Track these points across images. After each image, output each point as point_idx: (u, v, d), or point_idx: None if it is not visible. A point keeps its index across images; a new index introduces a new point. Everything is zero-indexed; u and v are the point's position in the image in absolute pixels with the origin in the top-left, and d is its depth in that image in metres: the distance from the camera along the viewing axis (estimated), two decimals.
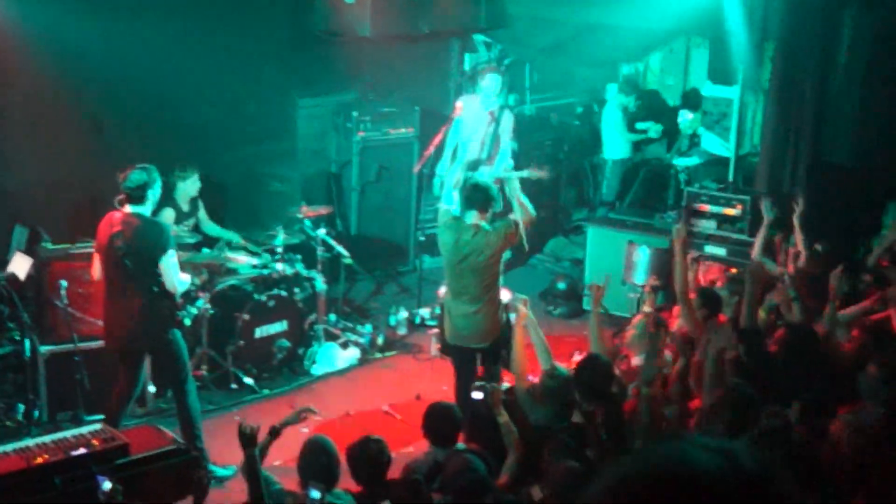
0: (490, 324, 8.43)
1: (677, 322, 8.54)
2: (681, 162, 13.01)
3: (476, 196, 8.31)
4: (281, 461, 8.11)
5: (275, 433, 6.46)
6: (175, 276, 8.00)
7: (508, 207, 8.80)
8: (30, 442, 6.66)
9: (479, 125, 11.40)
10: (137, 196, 7.95)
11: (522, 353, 7.85)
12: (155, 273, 7.93)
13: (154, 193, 8.05)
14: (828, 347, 7.53)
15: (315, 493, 5.79)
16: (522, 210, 8.52)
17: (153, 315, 8.06)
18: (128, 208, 7.97)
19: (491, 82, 11.44)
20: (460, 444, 6.93)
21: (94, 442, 6.51)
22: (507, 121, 11.50)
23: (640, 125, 13.65)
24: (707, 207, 11.07)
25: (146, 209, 8.04)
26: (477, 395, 7.14)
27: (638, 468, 1.42)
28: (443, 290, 10.07)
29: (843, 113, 11.21)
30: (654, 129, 13.63)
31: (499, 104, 11.65)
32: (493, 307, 8.42)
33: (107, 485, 6.00)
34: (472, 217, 8.25)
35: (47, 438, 6.65)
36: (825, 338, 7.59)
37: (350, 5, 11.39)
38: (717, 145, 13.16)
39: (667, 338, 8.04)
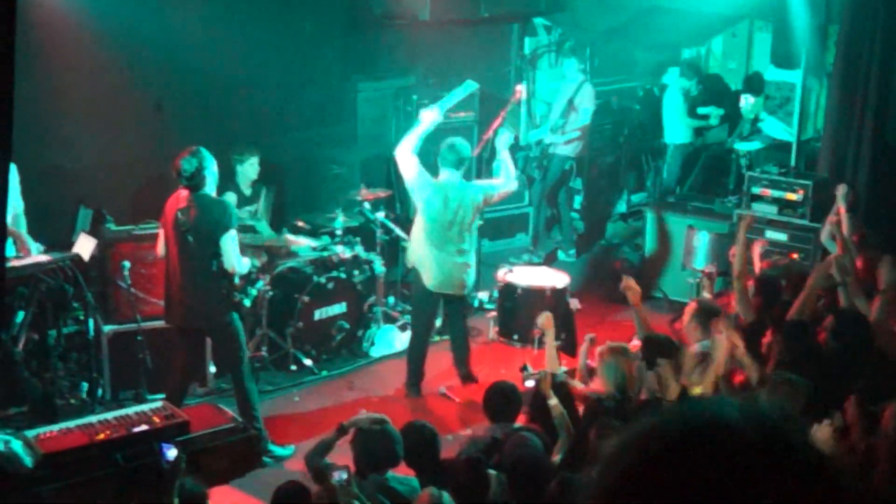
0: (469, 276, 9.45)
1: (735, 308, 8.48)
2: (742, 146, 12.89)
3: (450, 156, 9.31)
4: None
5: (343, 431, 6.49)
6: (235, 255, 8.07)
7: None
8: (92, 419, 6.77)
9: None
10: (196, 182, 8.04)
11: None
12: (216, 252, 8.01)
13: (211, 173, 8.12)
14: (880, 338, 7.42)
15: (343, 475, 5.83)
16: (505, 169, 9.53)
17: (211, 294, 8.15)
18: (191, 193, 8.07)
19: (568, 67, 13.13)
20: (517, 424, 6.96)
21: (155, 419, 6.61)
22: (587, 92, 12.97)
23: (701, 110, 13.56)
24: (768, 192, 10.96)
25: (209, 190, 8.13)
26: (529, 383, 7.16)
27: (660, 421, 1.45)
28: (501, 272, 10.11)
29: None
30: (715, 114, 13.54)
31: (582, 77, 13.08)
32: (471, 260, 9.45)
33: (172, 452, 6.08)
34: (448, 175, 9.25)
35: (109, 415, 6.76)
36: (876, 327, 7.48)
37: None
38: (780, 130, 13.04)
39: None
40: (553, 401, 6.76)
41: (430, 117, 9.50)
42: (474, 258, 9.65)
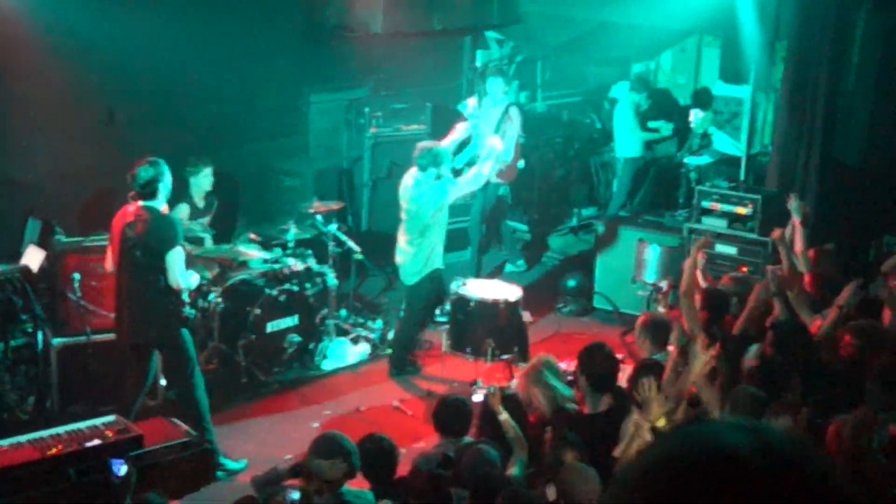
0: (419, 265, 10.08)
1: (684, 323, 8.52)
2: (692, 161, 13.01)
3: (424, 158, 9.93)
4: (291, 455, 8.16)
5: (298, 474, 6.40)
6: (179, 271, 8.02)
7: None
8: (44, 433, 6.70)
9: (488, 123, 11.71)
10: (148, 192, 8.01)
11: None
12: (162, 267, 7.97)
13: (165, 186, 8.09)
14: (825, 352, 7.49)
15: (294, 495, 5.80)
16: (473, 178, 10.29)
17: (159, 309, 8.11)
18: (140, 203, 8.02)
19: (491, 85, 12.08)
20: (468, 438, 6.96)
21: (108, 433, 6.56)
22: (515, 116, 12.03)
23: (651, 124, 13.66)
24: (718, 206, 11.06)
25: (158, 202, 8.09)
26: (477, 396, 7.18)
27: (669, 449, 1.43)
28: (454, 285, 10.13)
29: (854, 113, 11.23)
30: (665, 127, 13.65)
31: (507, 101, 12.12)
32: (421, 253, 10.03)
33: (122, 468, 6.02)
34: (420, 174, 9.94)
35: (61, 430, 6.69)
36: (822, 341, 7.56)
37: (363, 1, 11.42)
38: (728, 144, 13.19)
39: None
40: (503, 416, 6.77)
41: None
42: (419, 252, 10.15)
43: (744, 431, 1.40)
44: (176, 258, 8.00)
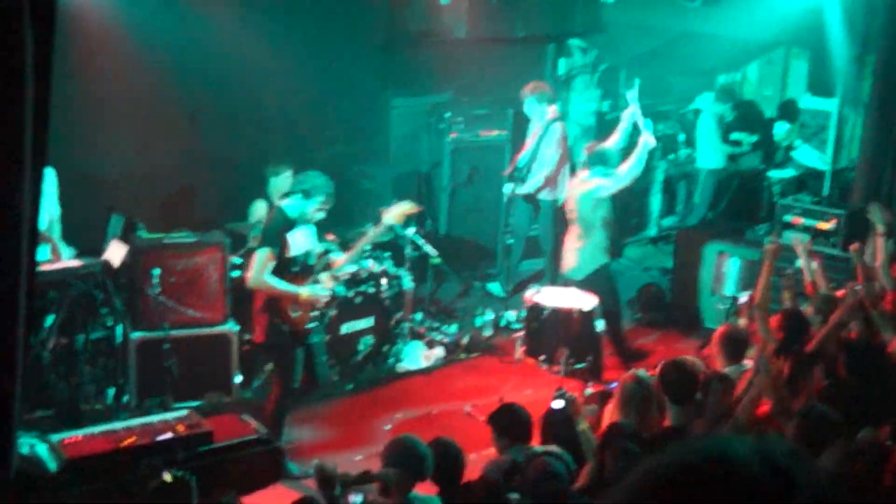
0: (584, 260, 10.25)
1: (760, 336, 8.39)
2: (775, 174, 12.84)
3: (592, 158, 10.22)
4: (362, 456, 8.21)
5: (367, 480, 6.39)
6: (254, 270, 8.07)
7: None
8: (117, 425, 6.80)
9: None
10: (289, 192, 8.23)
11: None
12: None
13: (301, 199, 8.15)
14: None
15: (357, 499, 5.80)
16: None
17: (259, 308, 8.25)
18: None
19: (527, 106, 11.73)
20: (537, 447, 6.91)
21: (179, 428, 6.64)
22: (553, 134, 11.68)
23: (734, 136, 13.51)
24: (800, 220, 10.89)
25: (286, 202, 8.20)
26: (558, 403, 7.11)
27: (672, 459, 1.44)
28: (529, 293, 10.09)
29: None
30: (747, 140, 13.49)
31: (549, 121, 11.75)
32: (585, 248, 10.20)
33: (168, 476, 6.05)
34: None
35: (134, 422, 6.79)
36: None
37: (446, 6, 11.44)
38: (814, 158, 12.99)
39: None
40: (583, 425, 6.71)
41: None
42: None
43: (746, 443, 1.42)
44: (256, 258, 8.08)
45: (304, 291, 8.10)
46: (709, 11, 12.22)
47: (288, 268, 8.12)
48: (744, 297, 9.46)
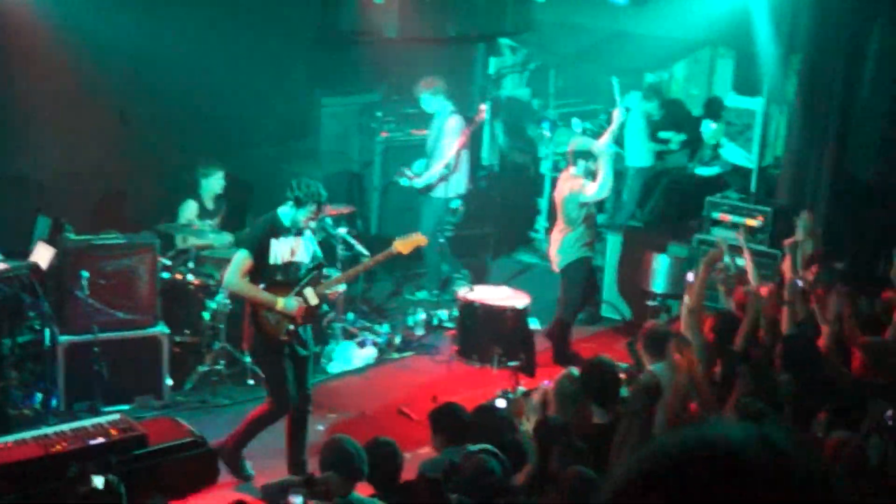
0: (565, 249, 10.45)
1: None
2: (702, 171, 12.98)
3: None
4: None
5: (309, 485, 6.35)
6: (228, 272, 8.02)
7: None
8: (48, 430, 6.70)
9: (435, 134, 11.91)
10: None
11: None
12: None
13: (293, 207, 8.04)
14: (828, 368, 7.49)
15: (298, 500, 5.78)
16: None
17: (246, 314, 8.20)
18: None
19: (424, 103, 11.86)
20: (473, 446, 6.91)
21: (112, 432, 6.56)
22: (449, 126, 11.79)
23: (662, 134, 13.62)
24: (728, 217, 11.04)
25: (282, 208, 8.10)
26: (500, 402, 7.13)
27: (665, 445, 1.43)
28: (462, 291, 10.11)
29: (868, 127, 11.17)
30: (675, 139, 13.62)
31: (448, 112, 11.86)
32: (567, 238, 10.39)
33: (98, 481, 5.96)
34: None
35: (66, 427, 6.69)
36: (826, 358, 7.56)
37: (378, 6, 11.42)
38: (740, 156, 13.14)
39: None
40: (527, 424, 6.72)
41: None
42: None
43: (745, 430, 1.41)
44: (233, 260, 8.03)
45: (278, 303, 7.89)
46: (637, 11, 12.32)
47: (272, 275, 7.96)
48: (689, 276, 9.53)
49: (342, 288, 8.93)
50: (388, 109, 12.54)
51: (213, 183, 10.46)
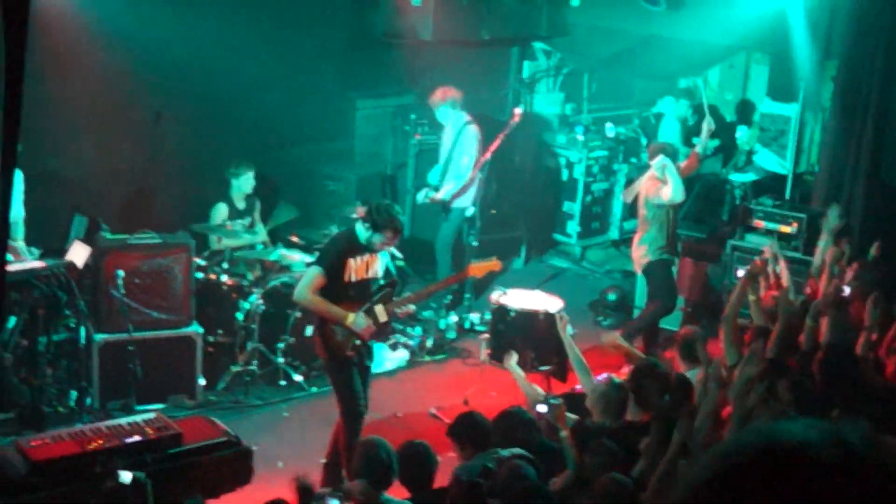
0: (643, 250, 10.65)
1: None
2: (737, 177, 12.93)
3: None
4: (327, 459, 8.19)
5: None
6: (300, 285, 8.02)
7: None
8: (84, 428, 6.73)
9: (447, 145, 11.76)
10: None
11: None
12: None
13: (362, 230, 7.96)
14: (865, 374, 7.45)
15: (334, 502, 5.79)
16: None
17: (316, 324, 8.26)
18: None
19: (439, 115, 11.68)
20: (504, 451, 6.89)
21: (148, 430, 6.58)
22: (467, 138, 11.62)
23: (696, 140, 13.59)
24: (762, 224, 10.99)
25: (359, 227, 8.02)
26: (541, 408, 7.11)
27: (738, 444, 1.42)
28: (494, 295, 10.11)
29: None
30: (710, 144, 13.57)
31: (463, 123, 11.66)
32: (644, 238, 10.60)
33: (126, 476, 5.98)
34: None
35: (102, 425, 6.72)
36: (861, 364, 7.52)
37: (413, 8, 11.42)
38: (774, 162, 13.07)
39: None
40: (565, 432, 6.70)
41: None
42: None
43: (815, 427, 1.39)
44: (306, 274, 8.09)
45: (348, 318, 7.86)
46: (672, 15, 12.27)
47: (345, 292, 7.92)
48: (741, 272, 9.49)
49: (412, 308, 8.86)
50: (422, 112, 12.54)
51: (244, 182, 10.50)
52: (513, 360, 8.10)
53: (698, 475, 1.40)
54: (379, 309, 8.07)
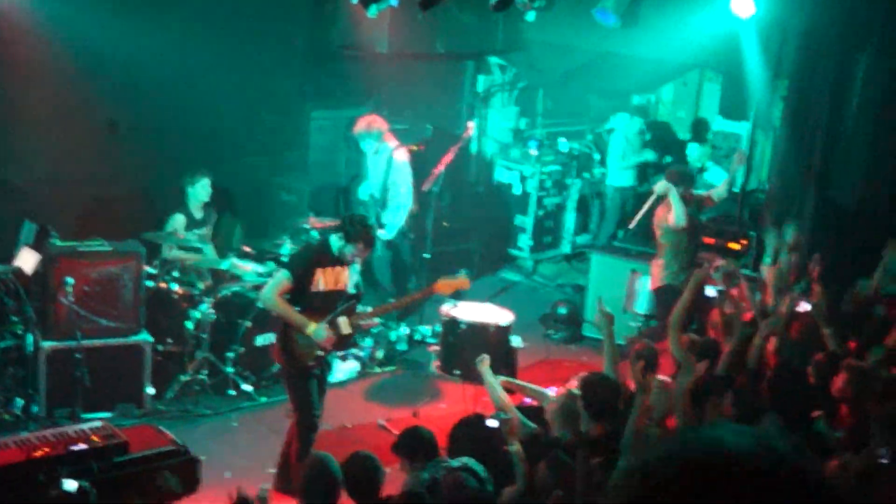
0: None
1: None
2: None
3: None
4: (275, 469, 8.18)
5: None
6: (267, 287, 8.02)
7: None
8: (30, 435, 6.68)
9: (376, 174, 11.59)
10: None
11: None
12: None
13: (335, 240, 7.98)
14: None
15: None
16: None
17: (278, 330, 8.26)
18: None
19: (365, 144, 11.48)
20: (454, 461, 6.90)
21: (94, 438, 6.54)
22: (400, 167, 11.43)
23: (646, 154, 13.73)
24: (712, 240, 11.10)
25: (332, 238, 8.04)
26: (492, 423, 7.12)
27: (668, 450, 1.43)
28: (445, 307, 10.13)
29: (852, 155, 11.25)
30: (662, 160, 13.69)
31: (388, 152, 11.46)
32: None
33: (71, 485, 5.94)
34: None
35: (47, 432, 6.67)
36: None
37: (369, 21, 11.45)
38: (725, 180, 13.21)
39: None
40: (515, 446, 6.71)
41: None
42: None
43: (744, 434, 1.42)
44: (274, 277, 8.08)
45: (309, 328, 7.86)
46: (626, 33, 12.37)
47: (311, 301, 7.93)
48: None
49: (376, 321, 8.86)
50: None
51: (200, 191, 10.46)
52: (486, 364, 8.08)
53: (627, 483, 1.42)
54: (342, 321, 8.08)
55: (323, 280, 7.95)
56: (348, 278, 8.15)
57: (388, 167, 11.40)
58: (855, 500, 5.26)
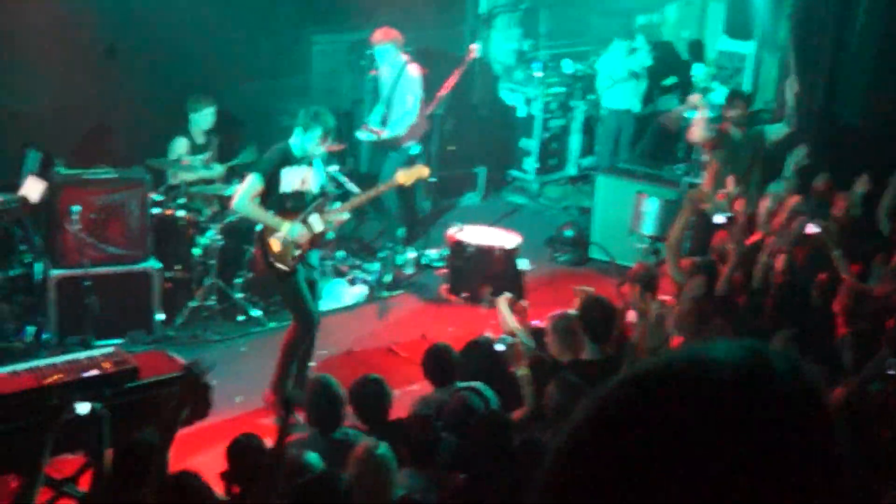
0: None
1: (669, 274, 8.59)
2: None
3: None
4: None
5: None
6: (239, 193, 8.22)
7: None
8: (41, 362, 6.72)
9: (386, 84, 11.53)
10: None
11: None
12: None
13: (301, 134, 8.14)
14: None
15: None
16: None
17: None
18: None
19: (384, 54, 11.35)
20: (461, 383, 6.97)
21: (105, 365, 6.57)
22: (410, 79, 11.37)
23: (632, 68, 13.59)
24: None
25: (292, 138, 8.22)
26: (499, 347, 7.17)
27: (655, 363, 1.38)
28: (452, 230, 10.15)
29: (856, 75, 11.18)
30: (667, 81, 13.61)
31: (403, 62, 11.38)
32: None
33: (84, 408, 5.97)
34: None
35: (59, 359, 6.71)
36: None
37: None
38: None
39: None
40: (523, 370, 6.77)
41: None
42: None
43: (735, 347, 1.36)
44: (245, 182, 8.24)
45: (284, 227, 8.12)
46: None
47: (282, 203, 8.16)
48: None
49: (346, 216, 8.99)
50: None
51: (203, 118, 10.41)
52: (503, 301, 8.09)
53: (605, 401, 1.37)
54: (314, 218, 8.31)
55: (290, 180, 8.18)
56: (314, 179, 8.35)
57: (397, 78, 11.35)
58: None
